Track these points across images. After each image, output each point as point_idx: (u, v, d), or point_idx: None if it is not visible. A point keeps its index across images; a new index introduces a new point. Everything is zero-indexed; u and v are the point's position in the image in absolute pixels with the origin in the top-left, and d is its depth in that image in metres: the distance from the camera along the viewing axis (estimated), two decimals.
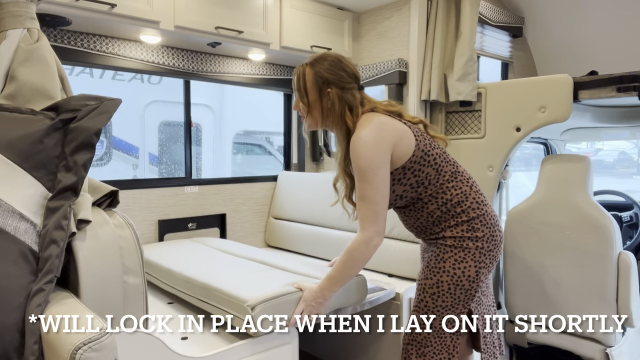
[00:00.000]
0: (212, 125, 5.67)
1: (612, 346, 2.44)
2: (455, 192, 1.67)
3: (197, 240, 2.70)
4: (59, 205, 1.27)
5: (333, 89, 1.66)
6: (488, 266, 1.69)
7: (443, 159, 1.69)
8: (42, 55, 1.40)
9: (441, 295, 1.67)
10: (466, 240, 1.65)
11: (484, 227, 1.66)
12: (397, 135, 1.61)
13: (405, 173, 1.64)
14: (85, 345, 1.03)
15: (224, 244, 2.61)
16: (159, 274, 2.19)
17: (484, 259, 1.66)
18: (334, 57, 1.71)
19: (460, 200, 1.66)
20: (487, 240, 1.66)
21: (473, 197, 1.68)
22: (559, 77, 2.47)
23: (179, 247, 2.54)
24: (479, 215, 1.67)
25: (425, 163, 1.65)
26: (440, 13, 2.82)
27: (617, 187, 3.50)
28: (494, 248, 1.69)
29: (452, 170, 1.69)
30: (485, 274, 1.69)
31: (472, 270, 1.64)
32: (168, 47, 2.71)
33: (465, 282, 1.64)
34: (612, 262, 2.39)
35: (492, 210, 1.72)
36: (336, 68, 1.67)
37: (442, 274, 1.66)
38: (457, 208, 1.66)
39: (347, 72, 1.68)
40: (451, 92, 2.80)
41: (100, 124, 1.33)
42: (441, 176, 1.67)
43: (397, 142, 1.60)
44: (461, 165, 1.76)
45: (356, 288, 1.95)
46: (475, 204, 1.67)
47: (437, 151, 1.69)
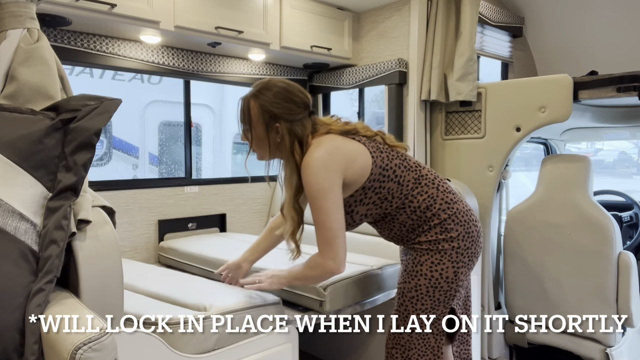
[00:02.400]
0: (212, 125, 5.67)
1: (612, 346, 2.44)
2: (422, 198, 1.64)
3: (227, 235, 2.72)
4: (59, 205, 1.27)
5: (281, 123, 1.56)
6: (467, 264, 1.67)
7: (404, 168, 1.65)
8: (42, 55, 1.40)
9: (420, 299, 1.66)
10: (441, 243, 1.63)
11: (457, 225, 1.64)
12: (349, 157, 1.56)
13: (366, 193, 1.61)
14: (85, 345, 1.03)
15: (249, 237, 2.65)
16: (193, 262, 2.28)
17: (461, 258, 1.65)
18: (280, 87, 1.59)
19: (428, 204, 1.64)
20: (462, 239, 1.65)
21: (441, 198, 1.65)
22: (559, 77, 2.46)
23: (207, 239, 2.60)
24: (450, 216, 1.65)
25: (384, 179, 1.61)
26: (440, 13, 2.82)
27: (617, 187, 3.50)
28: (471, 245, 1.67)
29: (414, 177, 1.65)
30: (464, 273, 1.68)
31: (450, 272, 1.64)
32: (168, 47, 2.71)
33: (443, 283, 1.64)
34: (612, 262, 2.39)
35: (464, 207, 1.69)
36: (283, 100, 1.57)
37: (419, 277, 1.65)
38: (427, 213, 1.64)
39: (296, 103, 1.58)
40: (451, 92, 2.80)
41: (100, 124, 1.33)
42: (404, 187, 1.63)
43: (349, 164, 1.55)
44: (425, 167, 1.72)
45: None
46: (444, 205, 1.65)
47: (396, 162, 1.64)
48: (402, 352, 1.72)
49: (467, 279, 1.74)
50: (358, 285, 1.99)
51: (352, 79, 3.20)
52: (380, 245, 2.63)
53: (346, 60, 3.18)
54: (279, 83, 1.61)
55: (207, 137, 5.65)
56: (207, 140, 5.65)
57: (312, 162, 1.52)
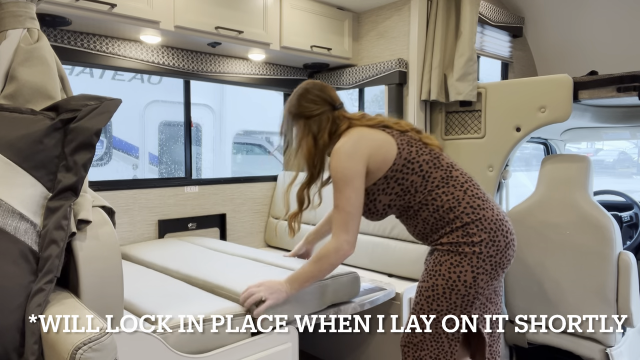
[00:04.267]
0: (212, 125, 5.67)
1: (612, 346, 2.44)
2: (447, 198, 1.64)
3: (191, 241, 2.70)
4: (59, 205, 1.27)
5: (301, 121, 1.72)
6: (489, 272, 1.62)
7: (432, 165, 1.66)
8: (42, 55, 1.40)
9: (436, 299, 1.65)
10: (462, 246, 1.62)
11: (481, 232, 1.61)
12: (373, 145, 1.63)
13: (388, 182, 1.66)
14: (85, 345, 1.03)
15: (220, 244, 2.61)
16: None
17: (482, 264, 1.61)
18: (300, 89, 1.77)
19: (452, 206, 1.63)
20: (485, 245, 1.61)
21: (467, 201, 1.64)
22: (559, 77, 2.46)
23: (173, 246, 2.54)
24: (474, 220, 1.62)
25: (409, 171, 1.65)
26: (440, 13, 2.82)
27: (617, 187, 3.50)
28: (495, 254, 1.62)
29: (442, 176, 1.66)
30: (485, 280, 1.62)
31: (469, 276, 1.60)
32: (168, 47, 2.71)
33: (461, 287, 1.61)
34: (612, 262, 2.39)
35: (493, 214, 1.65)
36: (303, 100, 1.73)
37: (437, 277, 1.64)
38: (449, 214, 1.64)
39: (314, 101, 1.73)
40: (451, 92, 2.80)
41: (100, 124, 1.33)
42: (429, 182, 1.65)
43: (372, 152, 1.62)
44: (459, 170, 1.71)
45: (351, 285, 2.00)
46: (469, 209, 1.63)
47: (426, 157, 1.67)
48: (413, 351, 1.71)
49: (490, 288, 1.67)
50: (299, 299, 1.78)
51: (352, 79, 3.20)
52: (379, 246, 2.63)
53: (346, 60, 3.18)
54: (302, 85, 1.78)
55: (207, 137, 5.65)
56: (207, 140, 5.66)
57: (339, 151, 1.62)
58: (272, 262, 2.21)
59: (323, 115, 1.70)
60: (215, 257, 2.29)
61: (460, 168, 1.74)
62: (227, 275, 1.95)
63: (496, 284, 1.70)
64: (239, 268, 2.09)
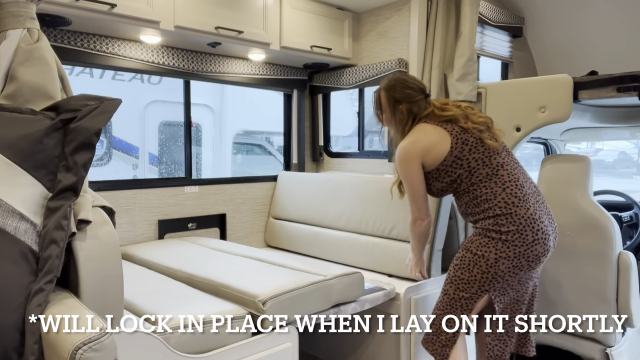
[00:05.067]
0: (212, 125, 5.67)
1: (612, 346, 2.44)
2: (485, 191, 1.91)
3: (192, 241, 2.70)
4: (59, 205, 1.27)
5: (403, 105, 2.04)
6: (512, 258, 1.83)
7: (481, 162, 1.94)
8: (42, 55, 1.40)
9: (460, 268, 1.92)
10: (491, 232, 1.87)
11: (510, 224, 1.84)
12: (427, 147, 1.96)
13: (439, 174, 1.98)
14: (85, 345, 1.03)
15: (220, 244, 2.61)
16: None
17: (505, 249, 1.83)
18: (398, 77, 2.10)
19: (488, 198, 1.90)
20: (512, 235, 1.84)
21: (502, 197, 1.88)
22: (559, 77, 2.46)
23: (173, 246, 2.54)
24: (505, 214, 1.86)
25: (457, 166, 1.95)
26: (440, 13, 2.82)
27: (617, 187, 3.50)
28: (521, 245, 1.83)
29: (488, 173, 1.93)
30: (507, 265, 1.84)
31: (492, 256, 1.84)
32: (168, 47, 2.71)
33: (483, 263, 1.86)
34: (612, 262, 2.39)
35: (526, 212, 1.86)
36: (402, 87, 2.06)
37: (466, 251, 1.92)
38: (484, 204, 1.90)
39: (413, 89, 2.05)
40: (451, 92, 2.80)
41: (100, 124, 1.33)
42: (474, 177, 1.93)
43: (425, 152, 1.96)
44: (506, 170, 1.93)
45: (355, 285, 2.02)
46: (503, 204, 1.87)
47: (476, 156, 1.94)
48: (435, 308, 2.03)
49: (514, 277, 1.87)
50: (306, 298, 1.84)
51: (352, 79, 3.20)
52: (379, 246, 2.63)
53: (346, 60, 3.18)
54: (398, 76, 2.11)
55: (207, 137, 5.65)
56: (207, 140, 5.66)
57: (398, 152, 2.01)
58: (274, 261, 2.21)
59: (421, 101, 2.04)
60: (216, 257, 2.29)
61: (510, 169, 1.95)
62: (229, 275, 1.96)
63: (521, 275, 1.89)
64: (240, 267, 2.10)
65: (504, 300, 1.93)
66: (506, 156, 2.00)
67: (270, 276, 1.93)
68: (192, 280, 2.01)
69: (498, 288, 1.89)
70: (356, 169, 3.32)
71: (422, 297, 2.31)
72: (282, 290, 1.77)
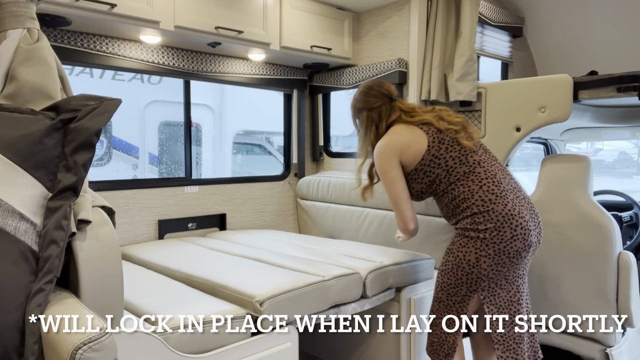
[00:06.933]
0: (212, 125, 5.67)
1: (612, 346, 2.44)
2: (462, 190, 1.91)
3: (192, 241, 2.70)
4: (59, 205, 1.27)
5: (364, 113, 2.08)
6: (492, 256, 1.83)
7: (458, 161, 1.93)
8: (42, 55, 1.40)
9: (446, 273, 1.92)
10: (469, 231, 1.87)
11: (488, 222, 1.84)
12: (404, 144, 1.97)
13: (418, 174, 1.98)
14: (85, 345, 1.03)
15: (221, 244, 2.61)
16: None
17: (485, 248, 1.83)
18: (362, 86, 2.13)
19: (465, 197, 1.90)
20: (490, 233, 1.83)
21: (479, 195, 1.87)
22: (559, 77, 2.46)
23: (173, 246, 2.54)
24: (482, 212, 1.85)
25: (434, 165, 1.95)
26: (440, 13, 2.82)
27: (617, 187, 3.50)
28: (500, 241, 1.83)
29: (465, 171, 1.92)
30: (488, 263, 1.83)
31: (472, 256, 1.84)
32: (168, 47, 2.71)
33: (465, 265, 1.86)
34: (612, 262, 2.39)
35: (504, 209, 1.85)
36: (364, 95, 2.08)
37: (450, 255, 1.93)
38: (463, 204, 1.90)
39: (374, 95, 2.07)
40: (451, 92, 2.80)
41: (100, 124, 1.33)
42: (452, 176, 1.93)
43: (403, 149, 1.96)
44: (483, 167, 1.93)
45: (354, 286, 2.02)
46: (480, 202, 1.87)
47: (453, 154, 1.94)
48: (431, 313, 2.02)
49: (499, 274, 1.86)
50: (304, 298, 1.84)
51: (352, 79, 3.20)
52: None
53: (346, 60, 3.18)
54: (365, 83, 2.14)
55: (207, 137, 5.65)
56: (207, 140, 5.65)
57: (376, 151, 2.01)
58: (273, 261, 2.21)
59: (383, 106, 2.05)
60: (216, 257, 2.29)
61: (487, 166, 1.95)
62: (227, 275, 1.95)
63: (505, 271, 1.87)
64: (238, 268, 2.10)
65: (495, 301, 1.89)
66: (483, 154, 2.00)
67: (268, 277, 1.93)
68: (191, 281, 2.01)
69: (486, 288, 1.88)
70: None
71: (422, 297, 2.31)
72: (280, 290, 1.77)
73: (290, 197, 3.45)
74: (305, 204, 3.33)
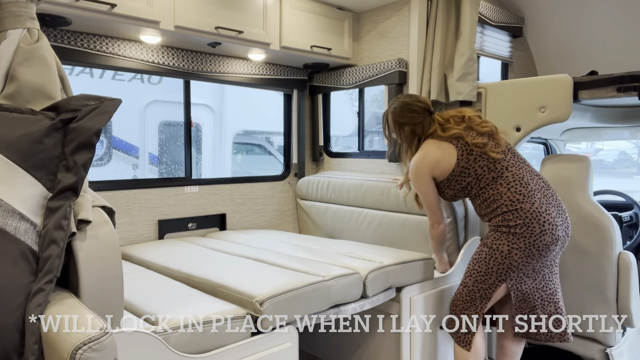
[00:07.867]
0: (212, 125, 5.67)
1: (612, 346, 2.44)
2: (492, 193, 2.14)
3: (192, 241, 2.70)
4: (59, 205, 1.27)
5: (408, 127, 2.29)
6: (522, 249, 2.04)
7: (486, 169, 2.15)
8: (42, 55, 1.40)
9: (479, 261, 2.14)
10: (501, 227, 2.09)
11: (517, 218, 2.06)
12: (435, 161, 2.20)
13: (450, 182, 2.23)
14: (85, 345, 1.03)
15: (221, 244, 2.61)
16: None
17: (516, 240, 2.04)
18: (400, 102, 2.32)
19: (495, 198, 2.13)
20: (520, 227, 2.05)
21: (507, 196, 2.10)
22: (559, 77, 2.47)
23: (173, 246, 2.54)
24: (511, 210, 2.07)
25: (465, 175, 2.18)
26: (440, 13, 2.82)
27: (617, 187, 3.50)
28: (529, 235, 2.03)
29: (494, 177, 2.14)
30: (520, 256, 2.04)
31: (505, 247, 2.06)
32: (168, 47, 2.71)
33: (498, 255, 2.07)
34: (612, 262, 2.39)
35: (531, 207, 2.05)
36: (407, 111, 2.29)
37: (483, 246, 2.15)
38: (492, 205, 2.14)
39: (416, 111, 2.28)
40: (451, 92, 2.80)
41: (100, 124, 1.33)
42: (482, 182, 2.17)
43: (434, 166, 2.20)
44: (510, 171, 2.13)
45: (353, 286, 2.02)
46: (508, 201, 2.09)
47: (481, 163, 2.16)
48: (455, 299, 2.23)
49: (528, 266, 2.06)
50: (304, 298, 1.83)
51: (352, 79, 3.20)
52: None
53: (346, 60, 3.18)
54: (402, 99, 2.34)
55: (207, 137, 5.65)
56: (207, 140, 5.65)
57: (411, 168, 2.27)
58: (273, 261, 2.21)
59: (425, 121, 2.27)
60: (216, 257, 2.29)
61: (515, 170, 2.15)
62: (227, 275, 1.95)
63: (534, 263, 2.07)
64: (238, 268, 2.09)
65: (522, 288, 2.10)
66: (511, 158, 2.19)
67: (268, 277, 1.93)
68: (191, 281, 2.01)
69: (514, 277, 2.08)
70: (356, 169, 3.32)
71: (422, 297, 2.31)
72: (280, 290, 1.76)
73: (290, 197, 3.45)
74: (305, 204, 3.33)
